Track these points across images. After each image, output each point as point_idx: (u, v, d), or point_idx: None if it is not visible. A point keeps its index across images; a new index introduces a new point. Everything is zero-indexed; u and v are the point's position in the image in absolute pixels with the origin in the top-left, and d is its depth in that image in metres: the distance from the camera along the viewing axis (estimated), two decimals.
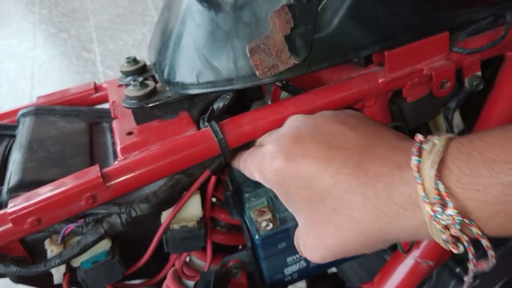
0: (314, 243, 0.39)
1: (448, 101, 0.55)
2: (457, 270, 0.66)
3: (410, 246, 0.56)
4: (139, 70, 0.58)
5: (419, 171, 0.32)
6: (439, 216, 0.30)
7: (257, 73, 0.45)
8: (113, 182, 0.44)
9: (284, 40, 0.43)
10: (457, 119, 0.59)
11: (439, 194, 0.30)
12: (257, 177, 0.44)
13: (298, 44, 0.44)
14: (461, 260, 0.67)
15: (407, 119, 0.54)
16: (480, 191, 0.29)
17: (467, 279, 0.40)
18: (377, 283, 0.61)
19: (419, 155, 0.32)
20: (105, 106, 0.65)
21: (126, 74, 0.59)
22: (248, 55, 0.44)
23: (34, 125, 0.57)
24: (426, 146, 0.33)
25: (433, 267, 0.58)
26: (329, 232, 0.37)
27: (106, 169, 0.45)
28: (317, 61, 0.47)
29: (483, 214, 0.30)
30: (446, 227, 0.31)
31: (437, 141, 0.33)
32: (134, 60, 0.59)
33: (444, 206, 0.30)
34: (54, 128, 0.58)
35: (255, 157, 0.44)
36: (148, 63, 0.60)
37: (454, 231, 0.31)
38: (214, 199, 0.64)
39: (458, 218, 0.30)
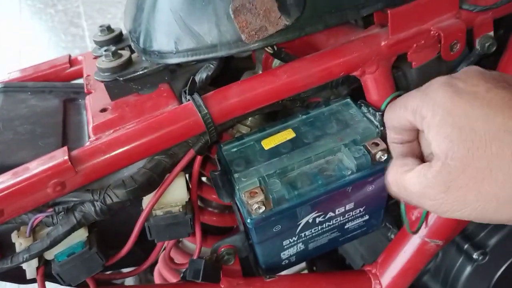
0: (469, 184, 0.33)
1: (457, 65, 0.51)
2: (465, 246, 0.62)
3: (419, 226, 0.52)
4: (114, 40, 0.53)
5: None
6: None
7: (243, 37, 0.40)
8: (83, 166, 0.39)
9: None
10: None
11: None
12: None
13: (289, 2, 0.39)
14: (469, 236, 0.63)
15: (412, 87, 0.49)
16: None
17: None
18: (381, 264, 0.56)
19: None
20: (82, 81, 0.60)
21: (100, 44, 0.53)
22: (232, 16, 0.39)
23: (1, 104, 0.52)
24: None
25: (441, 247, 0.54)
26: (497, 177, 0.32)
27: (75, 152, 0.40)
28: (312, 22, 0.42)
29: None
30: None
31: None
32: (108, 29, 0.54)
33: None
34: (24, 107, 0.53)
35: None
36: (124, 31, 0.55)
37: None
38: (204, 178, 0.59)
39: None
